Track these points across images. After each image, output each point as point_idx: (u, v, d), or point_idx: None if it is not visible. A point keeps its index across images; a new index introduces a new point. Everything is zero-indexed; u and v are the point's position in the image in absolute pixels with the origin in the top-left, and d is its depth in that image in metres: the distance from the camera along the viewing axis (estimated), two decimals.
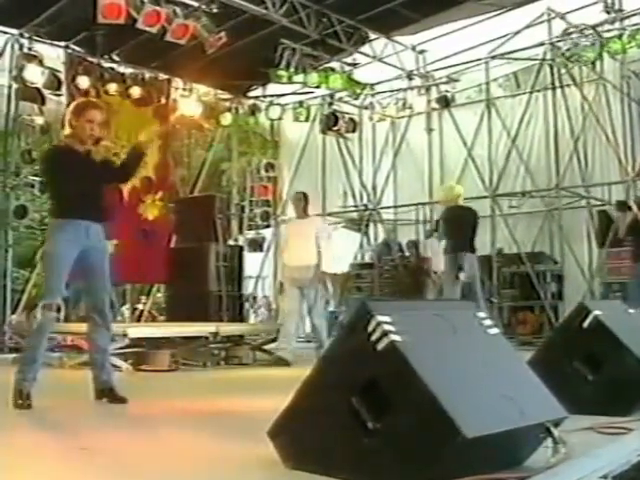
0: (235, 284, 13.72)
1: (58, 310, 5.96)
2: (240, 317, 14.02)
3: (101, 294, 6.28)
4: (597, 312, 5.22)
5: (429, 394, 3.12)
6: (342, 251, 17.52)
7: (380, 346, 3.32)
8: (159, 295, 16.84)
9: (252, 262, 17.43)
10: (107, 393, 6.18)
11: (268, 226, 18.19)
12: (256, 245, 17.62)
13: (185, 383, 8.45)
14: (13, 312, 13.42)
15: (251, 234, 17.76)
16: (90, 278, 6.25)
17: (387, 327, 3.32)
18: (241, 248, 15.18)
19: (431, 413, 3.12)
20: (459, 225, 11.03)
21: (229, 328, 11.39)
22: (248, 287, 17.30)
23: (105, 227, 6.27)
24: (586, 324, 5.21)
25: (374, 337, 3.34)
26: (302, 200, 10.76)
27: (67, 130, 6.23)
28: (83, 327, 6.80)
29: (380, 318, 3.36)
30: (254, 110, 17.37)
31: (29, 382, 5.85)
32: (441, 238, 11.58)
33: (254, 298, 18.44)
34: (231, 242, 15.03)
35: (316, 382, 3.63)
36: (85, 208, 6.04)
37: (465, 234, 11.03)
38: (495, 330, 3.88)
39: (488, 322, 3.88)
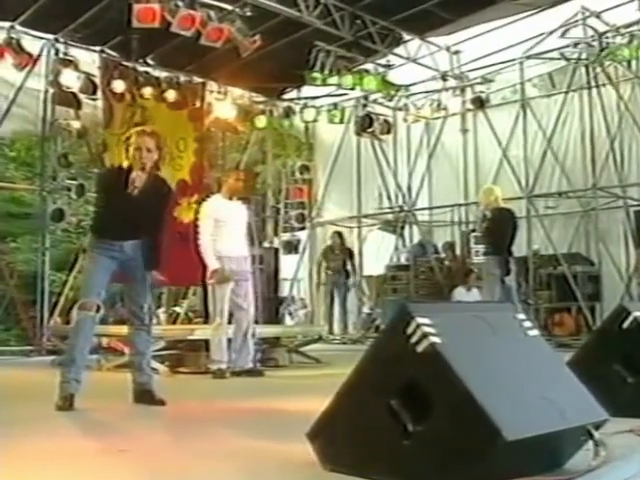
0: (271, 286, 13.70)
1: (97, 310, 6.02)
2: (276, 319, 14.01)
3: (141, 299, 6.36)
4: (637, 313, 5.18)
5: (469, 396, 3.11)
6: (377, 253, 17.54)
7: (420, 348, 3.31)
8: (194, 298, 16.88)
9: (287, 264, 17.44)
10: (145, 395, 6.22)
11: (303, 228, 18.20)
12: (291, 247, 17.62)
13: (221, 385, 8.46)
14: (51, 314, 13.50)
15: (286, 236, 17.77)
16: (129, 284, 6.36)
17: (427, 329, 3.32)
18: (276, 250, 15.17)
19: (471, 415, 3.11)
20: (500, 227, 10.96)
21: (265, 330, 11.39)
22: (284, 289, 17.30)
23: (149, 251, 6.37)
24: (626, 325, 5.17)
25: (414, 339, 3.33)
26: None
27: (124, 155, 6.37)
28: (120, 329, 6.85)
29: (420, 320, 3.35)
30: (288, 112, 17.35)
31: (70, 383, 5.90)
32: (481, 240, 11.48)
33: (292, 299, 18.48)
34: (266, 244, 15.03)
35: (355, 384, 3.63)
36: (121, 233, 6.19)
37: (506, 236, 10.96)
38: (535, 332, 3.86)
39: (528, 324, 3.87)
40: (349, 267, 17.28)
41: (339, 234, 17.46)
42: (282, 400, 6.78)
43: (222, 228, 9.13)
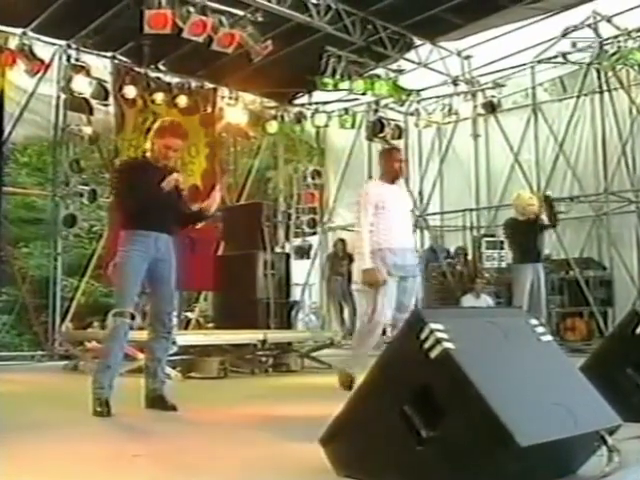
0: (283, 291, 13.69)
1: (132, 318, 6.04)
2: (288, 324, 14.01)
3: (165, 305, 6.40)
4: None
5: (483, 402, 3.11)
6: None
7: (433, 354, 3.31)
8: (205, 303, 16.88)
9: (299, 269, 17.43)
10: (158, 401, 6.24)
11: (315, 233, 18.20)
12: (303, 252, 17.62)
13: (234, 390, 8.47)
14: (62, 320, 13.54)
15: (298, 241, 17.76)
16: (156, 288, 6.37)
17: (440, 335, 3.32)
18: (288, 255, 15.17)
19: (485, 421, 3.10)
20: (526, 234, 10.87)
21: (277, 335, 11.41)
22: (295, 294, 17.30)
23: (174, 240, 6.42)
24: (639, 331, 5.15)
25: (427, 345, 3.33)
26: None
27: (148, 145, 6.41)
28: (139, 335, 6.88)
29: (433, 326, 3.35)
30: (300, 118, 17.36)
31: (106, 390, 5.92)
32: (509, 247, 11.36)
33: (304, 304, 18.47)
34: (278, 249, 15.02)
35: (368, 390, 3.63)
36: (154, 219, 6.17)
37: (532, 243, 10.88)
38: (548, 337, 3.85)
39: (541, 329, 3.86)
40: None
41: (342, 240, 17.53)
42: (294, 405, 6.78)
43: (382, 216, 7.89)
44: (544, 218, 10.99)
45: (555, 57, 15.27)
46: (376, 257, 7.67)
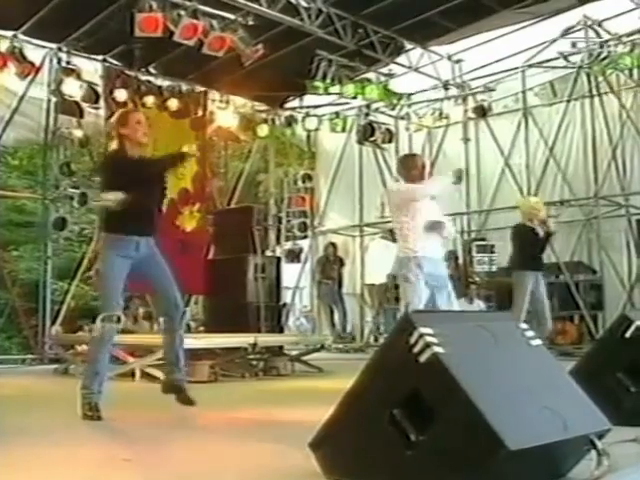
0: (273, 295, 13.68)
1: (118, 321, 6.03)
2: (279, 328, 13.99)
3: (168, 297, 6.36)
4: (639, 322, 5.18)
5: (472, 406, 3.12)
6: (379, 262, 17.51)
7: (423, 358, 3.32)
8: (195, 307, 16.88)
9: (290, 273, 17.43)
10: (176, 390, 6.28)
11: (305, 237, 18.20)
12: (294, 256, 17.63)
13: (224, 394, 8.46)
14: (52, 323, 13.50)
15: (288, 245, 17.77)
16: (153, 284, 6.38)
17: (430, 339, 3.32)
18: (279, 259, 15.16)
19: (474, 425, 3.11)
20: (531, 241, 10.73)
21: (267, 339, 11.39)
22: (286, 298, 17.30)
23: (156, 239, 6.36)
24: (628, 334, 5.17)
25: (417, 349, 3.34)
26: None
27: (115, 142, 6.35)
28: (122, 338, 6.87)
29: (423, 330, 3.36)
30: (291, 121, 17.35)
31: (95, 394, 5.91)
32: (512, 251, 11.20)
33: (294, 308, 18.49)
34: (269, 253, 15.02)
35: (358, 394, 3.63)
36: (136, 223, 6.11)
37: (536, 250, 10.79)
38: (537, 341, 3.86)
39: (530, 333, 3.86)
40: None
41: (333, 244, 17.57)
42: (284, 409, 6.79)
43: (413, 221, 7.35)
44: (551, 225, 10.91)
45: (546, 61, 15.31)
46: (411, 264, 7.25)
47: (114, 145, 6.40)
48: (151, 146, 6.64)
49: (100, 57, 13.99)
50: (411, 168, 7.80)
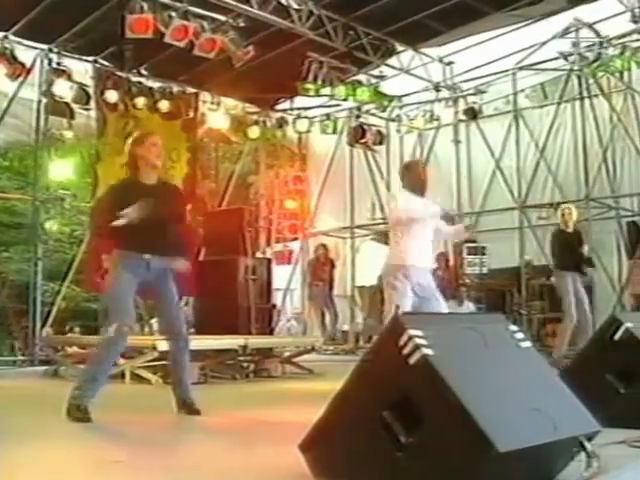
0: (264, 297, 13.68)
1: (130, 329, 6.07)
2: (269, 330, 13.99)
3: (174, 320, 6.42)
4: (629, 324, 5.19)
5: (462, 408, 3.12)
6: (370, 264, 17.52)
7: (412, 360, 3.32)
8: (186, 308, 16.85)
9: (280, 275, 17.43)
10: (184, 406, 6.33)
11: (296, 239, 18.21)
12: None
13: (215, 396, 8.43)
14: (43, 325, 13.47)
15: (279, 247, 17.76)
16: (161, 304, 6.43)
17: (419, 341, 3.32)
18: (269, 261, 15.16)
19: (463, 427, 3.11)
20: (567, 244, 11.01)
21: (258, 341, 11.39)
22: (277, 300, 17.30)
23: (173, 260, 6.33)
24: (618, 336, 5.17)
25: (406, 351, 3.34)
26: None
27: (127, 159, 6.36)
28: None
29: (412, 332, 3.36)
30: (282, 123, 17.36)
31: (87, 397, 5.89)
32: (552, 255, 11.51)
33: (285, 309, 18.48)
34: (259, 255, 15.01)
35: (348, 396, 3.63)
36: (147, 242, 6.09)
37: (569, 253, 11.00)
38: (527, 343, 3.86)
39: (520, 335, 3.87)
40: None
41: (324, 246, 17.57)
42: (274, 411, 6.79)
43: (409, 230, 7.33)
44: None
45: (536, 64, 15.34)
46: (399, 273, 7.21)
47: (122, 159, 6.39)
48: None
49: (91, 58, 13.97)
50: (417, 174, 7.75)
